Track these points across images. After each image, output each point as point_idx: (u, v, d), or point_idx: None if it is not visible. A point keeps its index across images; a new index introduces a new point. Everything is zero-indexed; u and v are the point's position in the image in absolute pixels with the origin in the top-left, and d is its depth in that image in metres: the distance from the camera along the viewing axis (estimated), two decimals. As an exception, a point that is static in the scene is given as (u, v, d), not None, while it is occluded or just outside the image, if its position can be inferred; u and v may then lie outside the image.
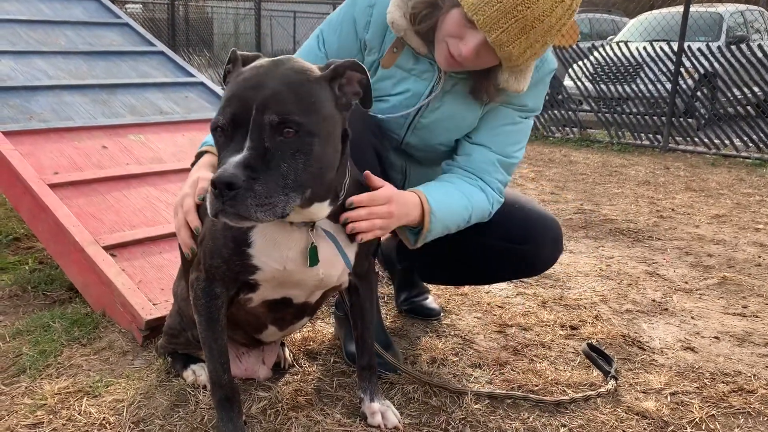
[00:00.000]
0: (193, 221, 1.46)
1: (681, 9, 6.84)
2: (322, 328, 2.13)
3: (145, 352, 1.92)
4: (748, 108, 6.84)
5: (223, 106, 1.19)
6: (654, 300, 2.53)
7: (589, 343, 1.96)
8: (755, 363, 2.01)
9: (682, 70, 6.73)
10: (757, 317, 2.38)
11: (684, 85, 6.80)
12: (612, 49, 7.42)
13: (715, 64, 6.56)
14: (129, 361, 1.87)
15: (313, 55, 1.74)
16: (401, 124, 1.77)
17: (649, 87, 7.08)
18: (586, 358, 1.93)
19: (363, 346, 1.63)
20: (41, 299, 2.28)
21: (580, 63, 7.59)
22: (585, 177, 5.27)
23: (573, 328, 2.22)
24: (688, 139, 6.77)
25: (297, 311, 1.57)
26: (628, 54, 7.29)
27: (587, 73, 7.54)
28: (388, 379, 1.78)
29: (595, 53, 7.54)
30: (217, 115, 1.19)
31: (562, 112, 7.69)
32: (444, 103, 1.72)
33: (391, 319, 2.24)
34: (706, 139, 6.59)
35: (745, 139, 6.51)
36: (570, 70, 7.61)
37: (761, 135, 6.42)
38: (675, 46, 6.71)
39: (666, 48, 6.80)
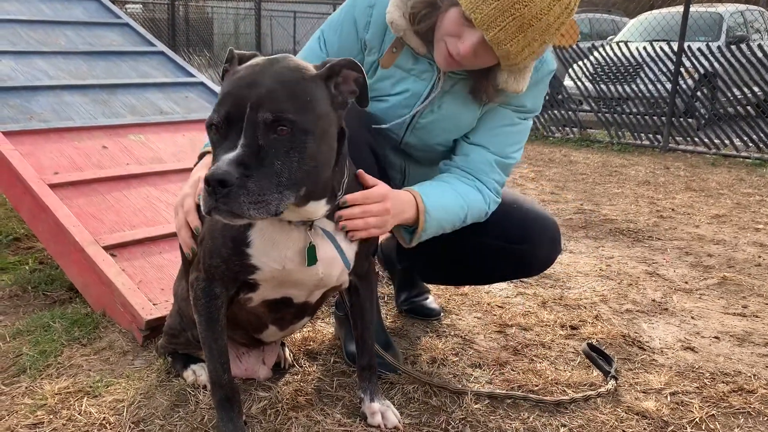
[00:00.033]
0: (193, 221, 1.46)
1: (681, 9, 6.85)
2: (323, 328, 2.13)
3: (145, 352, 1.92)
4: (748, 108, 6.84)
5: (218, 104, 1.19)
6: (654, 300, 2.53)
7: (589, 343, 1.96)
8: (755, 363, 2.01)
9: (682, 70, 6.73)
10: (757, 317, 2.38)
11: (684, 85, 6.80)
12: (612, 49, 7.42)
13: (715, 64, 6.56)
14: (129, 361, 1.87)
15: (315, 55, 1.74)
16: (400, 124, 1.77)
17: (649, 87, 7.08)
18: (586, 358, 1.94)
19: (363, 346, 1.63)
20: (41, 299, 2.28)
21: (580, 63, 7.59)
22: (585, 177, 5.28)
23: (573, 328, 2.22)
24: (688, 139, 6.77)
25: (297, 311, 1.57)
26: (628, 54, 7.29)
27: (587, 73, 7.54)
28: (389, 379, 1.78)
29: (595, 53, 7.54)
30: (212, 113, 1.19)
31: (562, 112, 7.69)
32: (443, 103, 1.72)
33: (392, 319, 2.24)
34: (706, 139, 6.59)
35: (745, 139, 6.51)
36: (570, 70, 7.61)
37: (761, 135, 6.42)
38: (675, 46, 6.71)
39: (666, 48, 6.81)
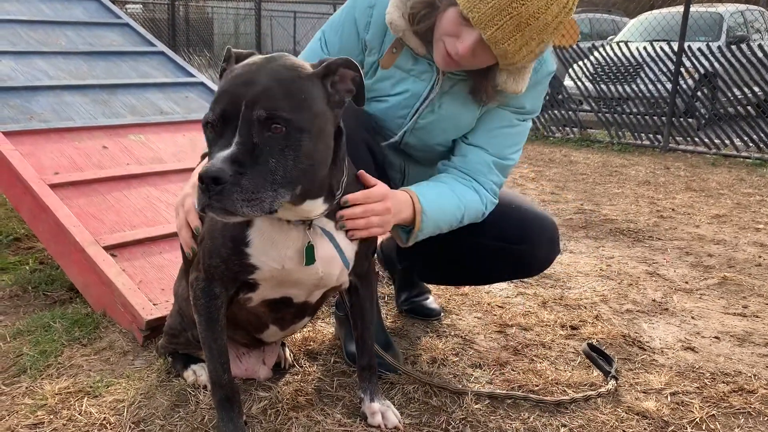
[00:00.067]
0: (193, 221, 1.46)
1: (681, 9, 6.84)
2: (323, 328, 2.13)
3: (145, 352, 1.92)
4: (749, 108, 6.84)
5: (213, 102, 1.19)
6: (654, 300, 2.53)
7: (589, 343, 1.96)
8: (755, 363, 2.01)
9: (682, 70, 6.73)
10: (757, 317, 2.38)
11: (684, 85, 6.80)
12: (612, 49, 7.42)
13: (716, 64, 6.56)
14: (129, 361, 1.87)
15: (316, 56, 1.74)
16: (399, 125, 1.77)
17: (650, 87, 7.08)
18: (587, 358, 1.94)
19: (363, 346, 1.63)
20: (42, 299, 2.28)
21: (581, 63, 7.59)
22: (585, 177, 5.27)
23: (573, 328, 2.22)
24: (688, 139, 6.77)
25: (297, 311, 1.57)
26: (628, 54, 7.29)
27: (587, 73, 7.54)
28: (389, 379, 1.78)
29: (596, 53, 7.54)
30: (208, 111, 1.19)
31: (563, 112, 7.69)
32: (442, 104, 1.72)
33: (392, 319, 2.24)
34: (706, 139, 6.59)
35: (745, 139, 6.51)
36: (570, 70, 7.61)
37: (761, 135, 6.42)
38: (675, 46, 6.71)
39: (666, 48, 6.80)
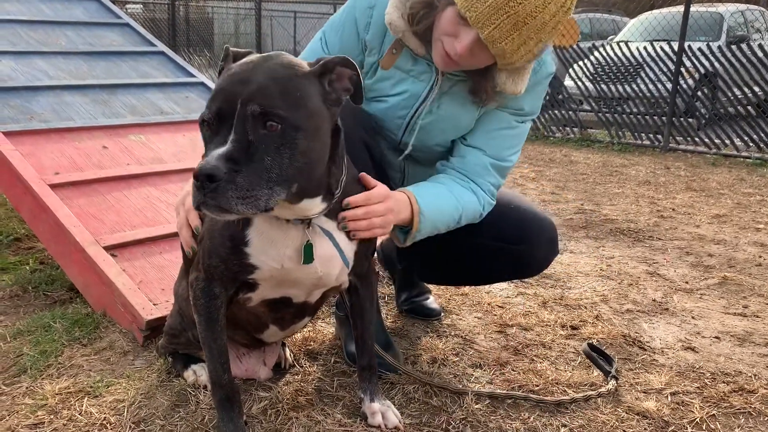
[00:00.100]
0: (193, 220, 1.47)
1: (681, 9, 6.84)
2: (323, 328, 2.13)
3: (145, 352, 1.92)
4: (749, 108, 6.84)
5: (210, 100, 1.19)
6: (654, 300, 2.53)
7: (589, 343, 1.96)
8: (756, 363, 2.01)
9: (682, 69, 6.73)
10: (757, 317, 2.38)
11: (684, 85, 6.79)
12: (612, 49, 7.42)
13: (716, 64, 6.56)
14: (130, 361, 1.87)
15: (317, 56, 1.73)
16: (398, 125, 1.77)
17: (650, 87, 7.07)
18: (587, 358, 1.94)
19: (363, 346, 1.63)
20: (42, 299, 2.28)
21: (581, 63, 7.58)
22: (585, 177, 5.27)
23: (573, 328, 2.22)
24: (688, 138, 6.76)
25: (297, 311, 1.57)
26: (628, 54, 7.28)
27: (588, 73, 7.54)
28: (389, 379, 1.78)
29: (596, 53, 7.53)
30: (204, 109, 1.19)
31: (563, 112, 7.69)
32: (441, 104, 1.72)
33: (392, 319, 2.24)
34: (706, 139, 6.58)
35: (745, 138, 6.51)
36: (570, 70, 7.61)
37: (762, 135, 6.42)
38: (675, 46, 6.71)
39: (666, 48, 6.80)
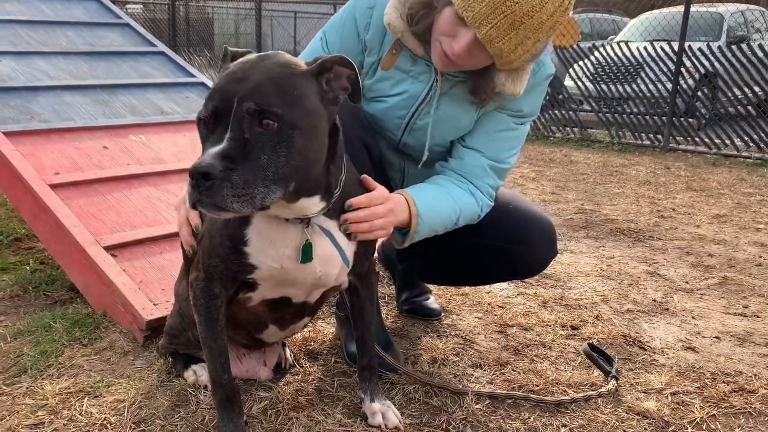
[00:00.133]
0: (193, 219, 1.47)
1: (681, 9, 6.84)
2: (323, 328, 2.13)
3: (146, 352, 1.92)
4: (749, 108, 6.84)
5: (206, 99, 1.19)
6: (655, 300, 2.53)
7: (589, 343, 1.96)
8: (756, 363, 2.01)
9: (682, 69, 6.73)
10: (757, 317, 2.38)
11: (684, 85, 6.79)
12: (612, 49, 7.41)
13: (716, 64, 6.55)
14: (130, 361, 1.87)
15: (317, 55, 1.74)
16: (398, 125, 1.77)
17: (650, 87, 7.07)
18: (587, 358, 1.94)
19: (363, 346, 1.63)
20: (42, 299, 2.28)
21: (581, 63, 7.58)
22: (586, 177, 5.27)
23: (574, 328, 2.22)
24: (688, 138, 6.76)
25: (297, 311, 1.57)
26: (628, 54, 7.28)
27: (588, 73, 7.54)
28: (389, 380, 1.78)
29: (596, 53, 7.53)
30: (201, 108, 1.19)
31: (563, 112, 7.68)
32: (440, 105, 1.72)
33: (392, 319, 2.24)
34: (706, 139, 6.58)
35: (745, 138, 6.50)
36: (570, 70, 7.61)
37: (762, 135, 6.42)
38: (675, 46, 6.71)
39: (666, 48, 6.80)
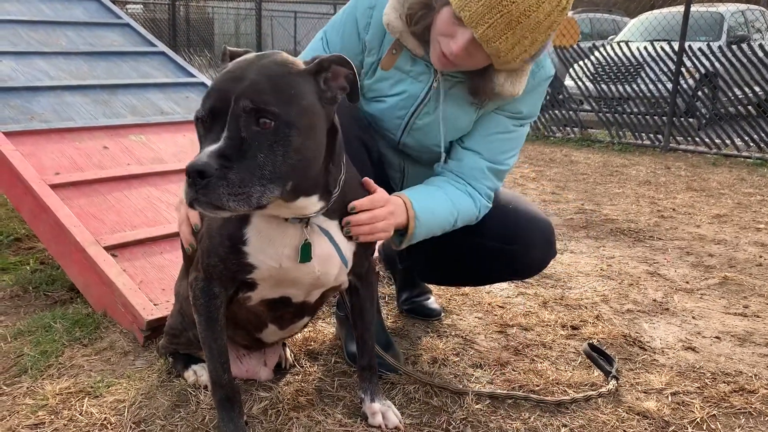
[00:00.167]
0: (193, 218, 1.48)
1: (682, 9, 6.83)
2: (324, 328, 2.13)
3: (146, 352, 1.92)
4: (749, 108, 6.84)
5: (204, 98, 1.20)
6: (655, 300, 2.53)
7: (590, 343, 1.96)
8: (756, 363, 2.01)
9: (682, 69, 6.72)
10: (758, 317, 2.38)
11: (685, 85, 6.79)
12: (613, 48, 7.41)
13: (716, 64, 6.55)
14: (130, 361, 1.87)
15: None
16: (397, 125, 1.78)
17: (650, 87, 7.07)
18: (587, 358, 1.94)
19: (363, 346, 1.63)
20: (42, 300, 2.28)
21: (581, 63, 7.58)
22: (586, 177, 5.27)
23: (574, 328, 2.22)
24: (689, 138, 6.76)
25: (296, 311, 1.57)
26: (628, 54, 7.28)
27: (588, 73, 7.54)
28: (389, 380, 1.78)
29: (596, 53, 7.53)
30: (199, 107, 1.20)
31: (563, 112, 7.68)
32: (439, 105, 1.72)
33: (392, 319, 2.24)
34: (707, 139, 6.58)
35: (746, 138, 6.50)
36: (571, 70, 7.61)
37: (762, 135, 6.41)
38: (676, 46, 6.70)
39: (667, 48, 6.80)
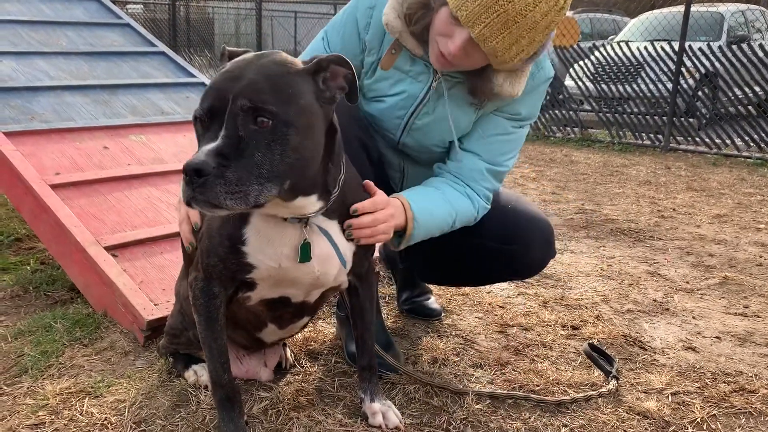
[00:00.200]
0: (193, 216, 1.48)
1: (682, 9, 6.83)
2: (324, 328, 2.13)
3: (146, 352, 1.92)
4: (749, 108, 6.83)
5: (202, 97, 1.20)
6: (655, 300, 2.53)
7: (590, 343, 1.96)
8: (756, 363, 2.01)
9: (683, 69, 6.72)
10: (758, 317, 2.38)
11: (685, 85, 6.79)
12: (613, 48, 7.41)
13: (716, 64, 6.55)
14: (130, 361, 1.87)
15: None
16: (397, 125, 1.78)
17: (650, 87, 7.07)
18: (588, 358, 1.94)
19: (363, 346, 1.63)
20: (43, 300, 2.28)
21: (581, 63, 7.58)
22: (586, 177, 5.27)
23: (574, 328, 2.22)
24: (689, 138, 6.76)
25: (296, 310, 1.57)
26: (629, 54, 7.28)
27: (588, 73, 7.54)
28: (390, 380, 1.78)
29: (596, 53, 7.53)
30: (197, 107, 1.20)
31: (563, 112, 7.68)
32: (438, 105, 1.73)
33: (393, 319, 2.24)
34: (707, 139, 6.58)
35: (746, 138, 6.50)
36: (571, 70, 7.61)
37: (762, 135, 6.41)
38: (676, 46, 6.70)
39: (667, 48, 6.80)
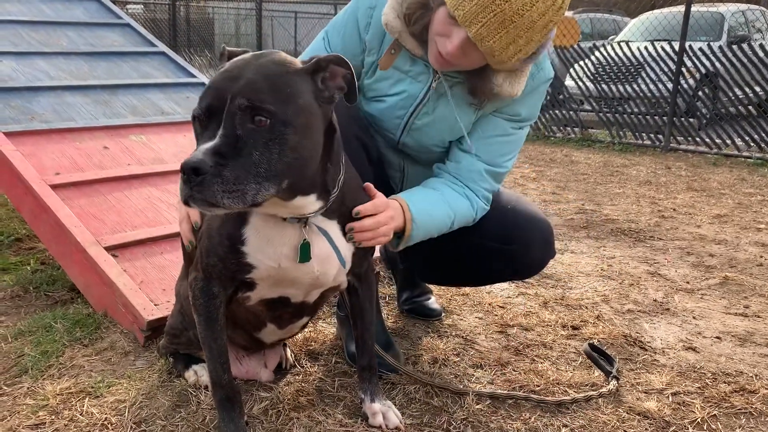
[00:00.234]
0: (193, 215, 1.48)
1: (682, 9, 6.83)
2: (324, 328, 2.13)
3: (146, 352, 1.92)
4: (750, 108, 6.83)
5: (201, 97, 1.20)
6: (655, 300, 2.53)
7: (590, 343, 1.96)
8: (757, 363, 2.01)
9: (683, 69, 6.72)
10: (758, 317, 2.38)
11: (685, 85, 6.79)
12: (613, 48, 7.41)
13: (717, 64, 6.55)
14: (131, 361, 1.87)
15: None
16: (397, 125, 1.78)
17: (651, 87, 7.07)
18: (588, 358, 1.94)
19: (363, 346, 1.63)
20: (43, 300, 2.28)
21: (582, 63, 7.58)
22: (586, 177, 5.27)
23: (574, 328, 2.22)
24: (689, 138, 6.76)
25: (295, 310, 1.57)
26: (629, 54, 7.27)
27: (588, 73, 7.54)
28: (390, 380, 1.78)
29: (597, 53, 7.53)
30: (196, 106, 1.20)
31: (564, 112, 7.68)
32: (438, 105, 1.73)
33: (393, 319, 2.24)
34: (707, 139, 6.58)
35: (746, 138, 6.50)
36: (571, 70, 7.61)
37: (763, 135, 6.41)
38: (676, 46, 6.70)
39: (667, 48, 6.80)
